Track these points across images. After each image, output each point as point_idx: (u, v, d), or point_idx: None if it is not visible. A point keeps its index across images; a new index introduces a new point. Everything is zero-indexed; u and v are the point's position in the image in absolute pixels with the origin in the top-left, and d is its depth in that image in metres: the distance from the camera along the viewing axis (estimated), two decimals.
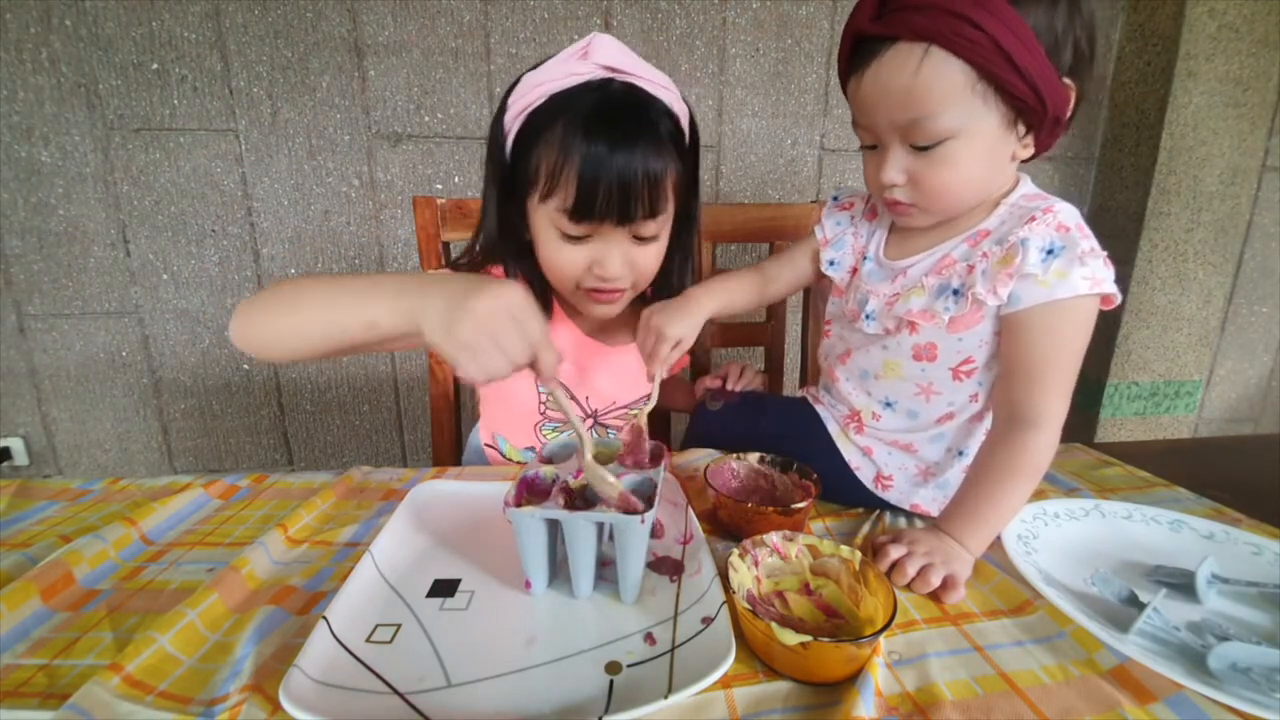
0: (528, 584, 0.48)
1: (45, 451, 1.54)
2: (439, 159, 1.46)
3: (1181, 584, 0.49)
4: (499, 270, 0.72)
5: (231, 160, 1.41)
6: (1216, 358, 1.76)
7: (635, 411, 0.63)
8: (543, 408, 0.78)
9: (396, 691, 0.38)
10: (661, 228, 0.67)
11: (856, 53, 0.53)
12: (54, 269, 1.42)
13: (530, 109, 0.62)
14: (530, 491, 0.50)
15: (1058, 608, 0.45)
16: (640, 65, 0.64)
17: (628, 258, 0.65)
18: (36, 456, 1.54)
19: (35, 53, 1.30)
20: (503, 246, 0.70)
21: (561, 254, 0.65)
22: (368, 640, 0.42)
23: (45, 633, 0.44)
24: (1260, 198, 1.63)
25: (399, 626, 0.44)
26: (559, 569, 0.50)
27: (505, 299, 0.44)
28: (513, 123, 0.64)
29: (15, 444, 1.51)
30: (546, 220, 0.64)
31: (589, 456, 0.49)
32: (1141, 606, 0.45)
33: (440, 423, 0.98)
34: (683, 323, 0.63)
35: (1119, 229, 1.64)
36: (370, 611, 0.45)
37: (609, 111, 0.60)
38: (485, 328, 0.43)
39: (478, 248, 0.72)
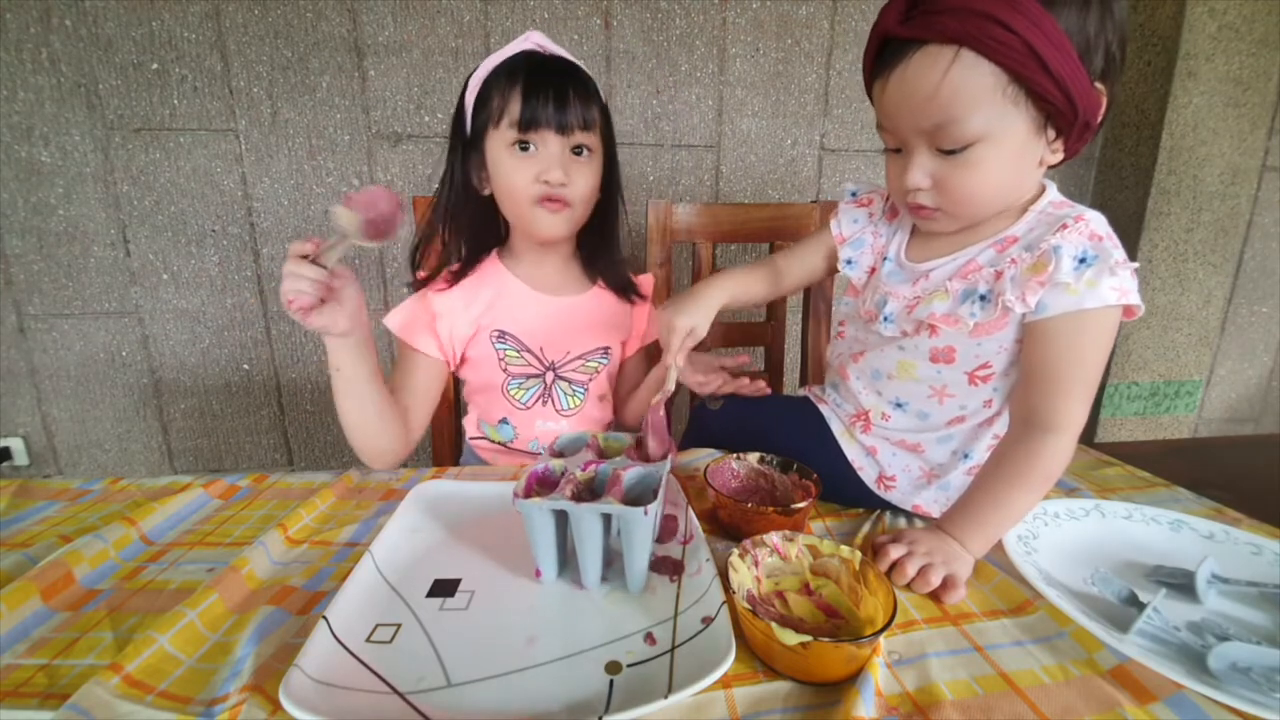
0: (537, 573, 0.49)
1: (45, 451, 1.54)
2: (439, 159, 1.46)
3: (1181, 584, 0.49)
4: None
5: (231, 160, 1.41)
6: (1216, 358, 1.76)
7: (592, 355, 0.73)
8: (503, 364, 0.82)
9: (396, 691, 0.38)
10: (593, 149, 0.78)
11: (883, 55, 0.52)
12: (54, 269, 1.42)
13: (483, 78, 0.76)
14: (541, 484, 0.51)
15: (1058, 608, 0.45)
16: (565, 53, 0.78)
17: (567, 168, 0.75)
18: (36, 456, 1.54)
19: (35, 53, 1.30)
20: (461, 201, 0.81)
21: (514, 171, 0.75)
22: (368, 640, 0.42)
23: (45, 633, 0.44)
24: (1260, 198, 1.63)
25: (399, 626, 0.44)
26: (568, 561, 0.50)
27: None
28: (471, 95, 0.77)
29: (15, 444, 1.51)
30: (501, 145, 0.75)
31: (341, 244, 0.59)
32: (1141, 606, 0.45)
33: (440, 423, 0.98)
34: (693, 312, 0.64)
35: (1119, 229, 1.61)
36: (370, 611, 0.45)
37: (543, 57, 0.76)
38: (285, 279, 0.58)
39: (441, 210, 0.83)
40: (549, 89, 0.74)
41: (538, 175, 0.74)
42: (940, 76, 0.48)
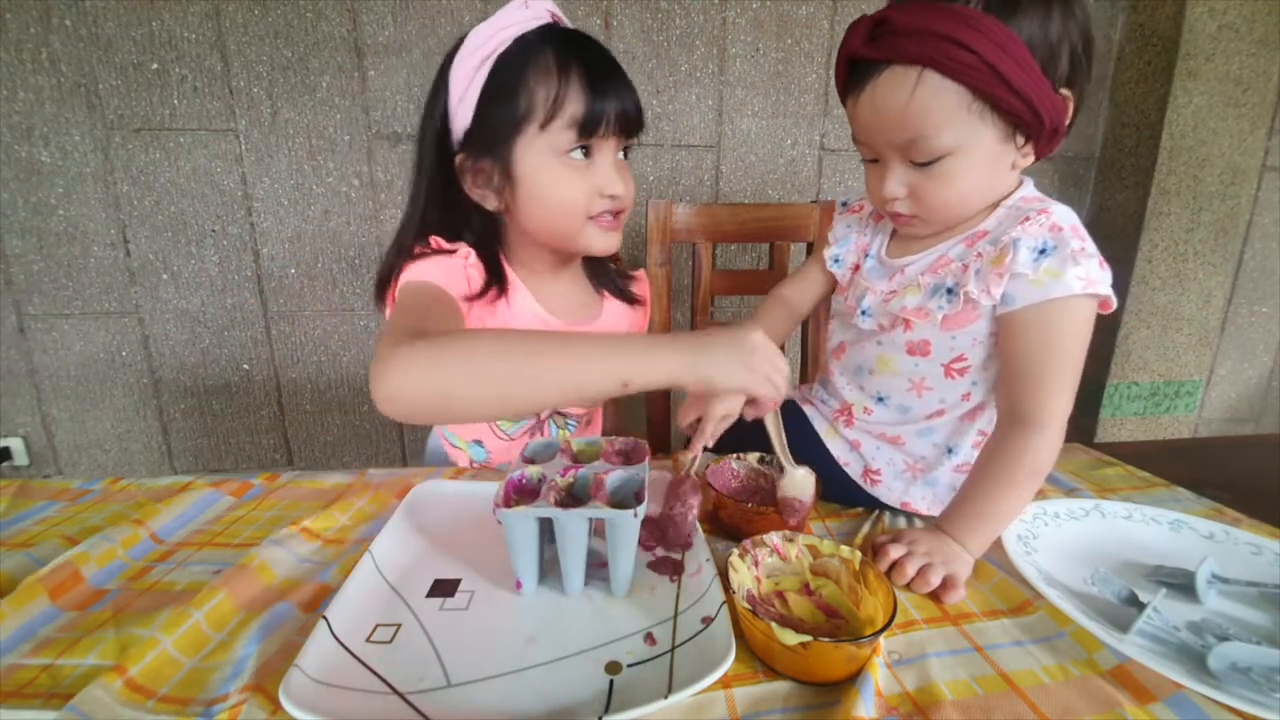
0: (518, 584, 0.48)
1: (45, 451, 1.54)
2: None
3: (1181, 584, 0.49)
4: (466, 250, 0.65)
5: (231, 160, 1.41)
6: (1216, 358, 1.76)
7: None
8: None
9: (396, 691, 0.38)
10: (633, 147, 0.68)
11: (852, 74, 0.54)
12: (54, 269, 1.42)
13: (496, 55, 0.60)
14: (518, 492, 0.50)
15: (1058, 608, 0.44)
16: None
17: (623, 175, 0.65)
18: (36, 456, 1.54)
19: (35, 53, 1.30)
20: (452, 221, 0.66)
21: (568, 185, 0.63)
22: (368, 640, 0.42)
23: (51, 632, 0.44)
24: (1260, 198, 1.63)
25: (399, 626, 0.44)
26: (548, 568, 0.50)
27: (763, 338, 0.51)
28: (474, 74, 0.61)
29: (15, 444, 1.51)
30: (547, 150, 0.61)
31: (789, 468, 0.55)
32: (1141, 606, 0.45)
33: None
34: (731, 399, 0.61)
35: (1119, 229, 1.64)
36: (370, 611, 0.45)
37: (585, 40, 0.63)
38: (766, 360, 0.50)
39: (418, 229, 0.66)
40: (612, 80, 0.61)
41: (598, 190, 0.63)
42: (906, 97, 0.49)
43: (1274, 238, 1.67)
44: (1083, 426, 1.73)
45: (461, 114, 0.62)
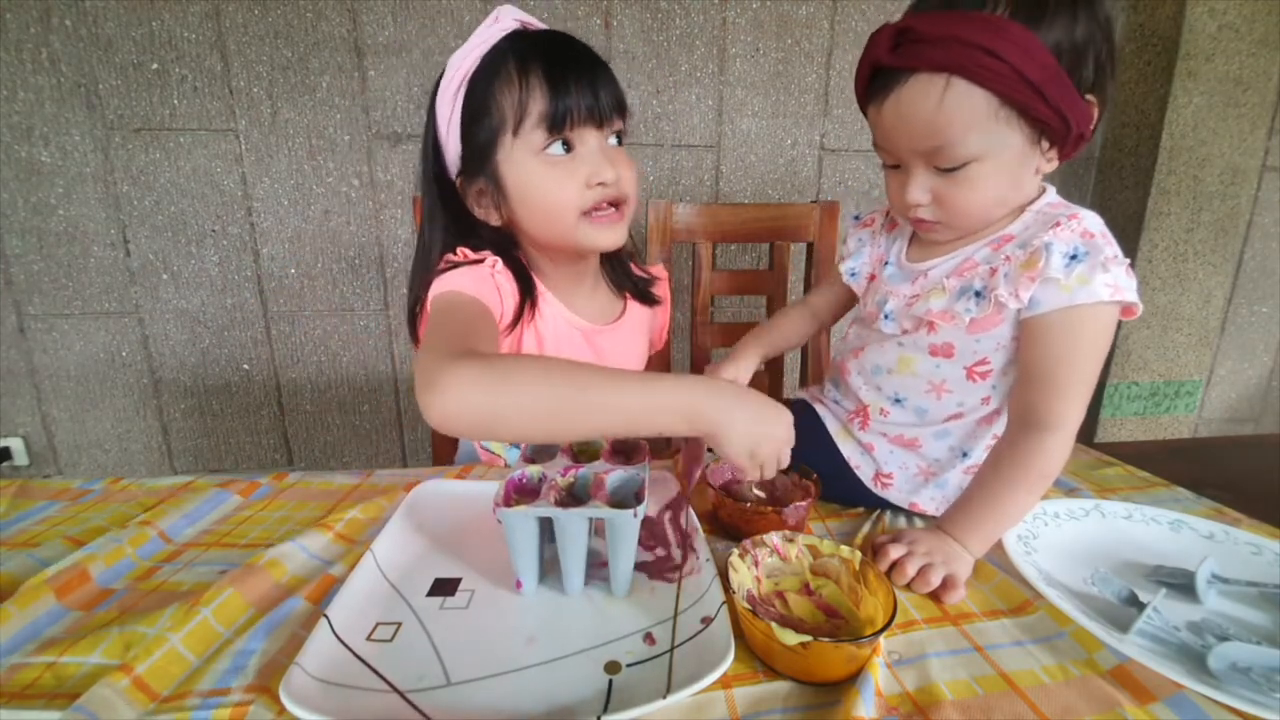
0: (518, 584, 0.48)
1: (45, 451, 1.54)
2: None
3: (1181, 584, 0.49)
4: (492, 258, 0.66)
5: (231, 160, 1.41)
6: (1216, 358, 1.76)
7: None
8: None
9: (396, 690, 0.38)
10: (626, 133, 0.67)
11: (875, 81, 0.53)
12: (54, 269, 1.42)
13: (468, 76, 0.62)
14: (518, 492, 0.50)
15: (1058, 608, 0.44)
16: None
17: (614, 161, 0.64)
18: (36, 456, 1.54)
19: (35, 53, 1.30)
20: (469, 243, 0.66)
21: (553, 181, 0.63)
22: (368, 639, 0.42)
23: (57, 632, 0.44)
24: (1260, 198, 1.63)
25: (399, 625, 0.44)
26: (548, 568, 0.50)
27: (789, 430, 0.52)
28: (454, 101, 0.63)
29: (15, 444, 1.51)
30: (527, 155, 0.62)
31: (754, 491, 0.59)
32: (1141, 606, 0.45)
33: None
34: (732, 367, 0.67)
35: (1119, 229, 1.64)
36: (371, 610, 0.45)
37: (548, 35, 0.63)
38: (776, 452, 0.51)
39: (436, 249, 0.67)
40: (575, 71, 0.61)
41: (587, 181, 0.63)
42: (934, 104, 0.49)
43: (1274, 238, 1.67)
44: (1082, 426, 1.72)
45: (451, 142, 0.65)
